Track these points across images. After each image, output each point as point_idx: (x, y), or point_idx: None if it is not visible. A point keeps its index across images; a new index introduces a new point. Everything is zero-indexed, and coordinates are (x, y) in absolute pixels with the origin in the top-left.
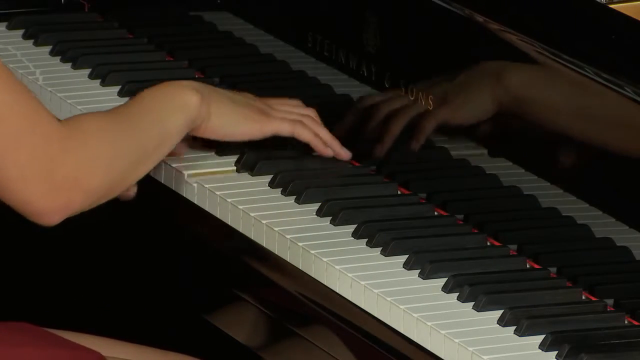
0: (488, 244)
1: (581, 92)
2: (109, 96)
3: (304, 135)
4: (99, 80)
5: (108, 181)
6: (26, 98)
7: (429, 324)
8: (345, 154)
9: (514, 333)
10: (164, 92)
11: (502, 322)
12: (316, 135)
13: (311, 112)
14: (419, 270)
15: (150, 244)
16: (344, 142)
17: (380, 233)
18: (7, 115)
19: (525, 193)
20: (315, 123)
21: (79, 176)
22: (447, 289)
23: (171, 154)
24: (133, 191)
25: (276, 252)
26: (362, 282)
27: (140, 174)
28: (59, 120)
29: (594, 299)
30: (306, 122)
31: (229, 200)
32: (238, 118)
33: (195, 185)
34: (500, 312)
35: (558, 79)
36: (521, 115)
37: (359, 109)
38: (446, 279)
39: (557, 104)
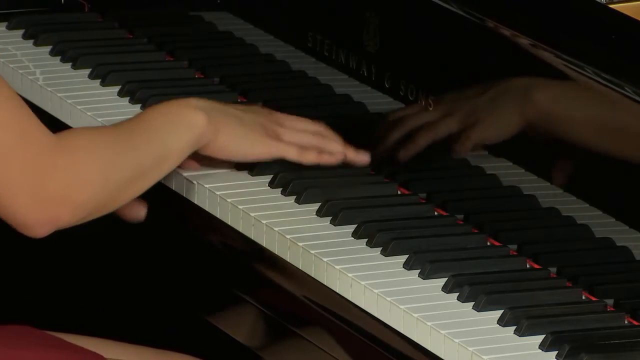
0: (488, 244)
1: (580, 92)
2: (109, 96)
3: (311, 160)
4: (99, 80)
5: (99, 198)
6: (20, 109)
7: (429, 324)
8: (362, 157)
9: (514, 333)
10: (170, 111)
11: (502, 322)
12: (322, 154)
13: (321, 129)
14: (419, 270)
15: (150, 244)
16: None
17: (380, 233)
18: (0, 126)
19: (525, 193)
20: (327, 141)
21: (68, 192)
22: (447, 289)
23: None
24: (143, 213)
25: (276, 252)
26: (362, 282)
27: (137, 191)
28: (52, 133)
29: (594, 299)
30: (317, 142)
31: (229, 200)
32: (245, 140)
33: (195, 185)
34: (500, 312)
35: (557, 79)
36: (521, 117)
37: (385, 123)
38: (446, 279)
39: (556, 105)
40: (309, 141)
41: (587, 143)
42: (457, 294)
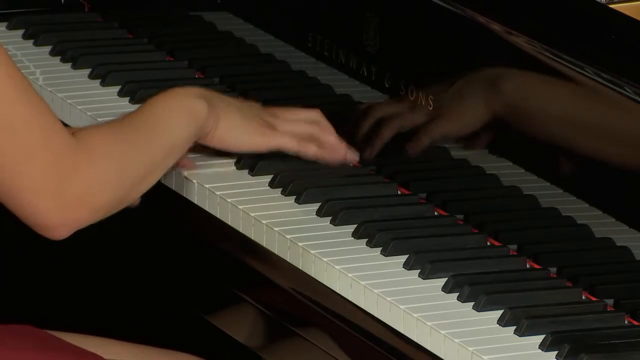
0: (488, 244)
1: (581, 93)
2: (109, 96)
3: (309, 153)
4: (99, 80)
5: (116, 197)
6: (43, 111)
7: (429, 324)
8: (351, 156)
9: (514, 333)
10: (173, 101)
11: (502, 322)
12: (322, 147)
13: (316, 115)
14: (419, 270)
15: (150, 244)
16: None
17: (380, 233)
18: (23, 128)
19: (525, 193)
20: (322, 130)
21: (88, 194)
22: (447, 289)
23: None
24: (138, 199)
25: (276, 252)
26: (362, 282)
27: (149, 184)
28: (71, 133)
29: (594, 299)
30: (313, 131)
31: (229, 200)
32: (245, 130)
33: (195, 185)
34: (500, 312)
35: (557, 79)
36: (521, 117)
37: (360, 114)
38: (446, 279)
39: (557, 105)
40: (304, 130)
41: (587, 143)
42: (457, 294)
